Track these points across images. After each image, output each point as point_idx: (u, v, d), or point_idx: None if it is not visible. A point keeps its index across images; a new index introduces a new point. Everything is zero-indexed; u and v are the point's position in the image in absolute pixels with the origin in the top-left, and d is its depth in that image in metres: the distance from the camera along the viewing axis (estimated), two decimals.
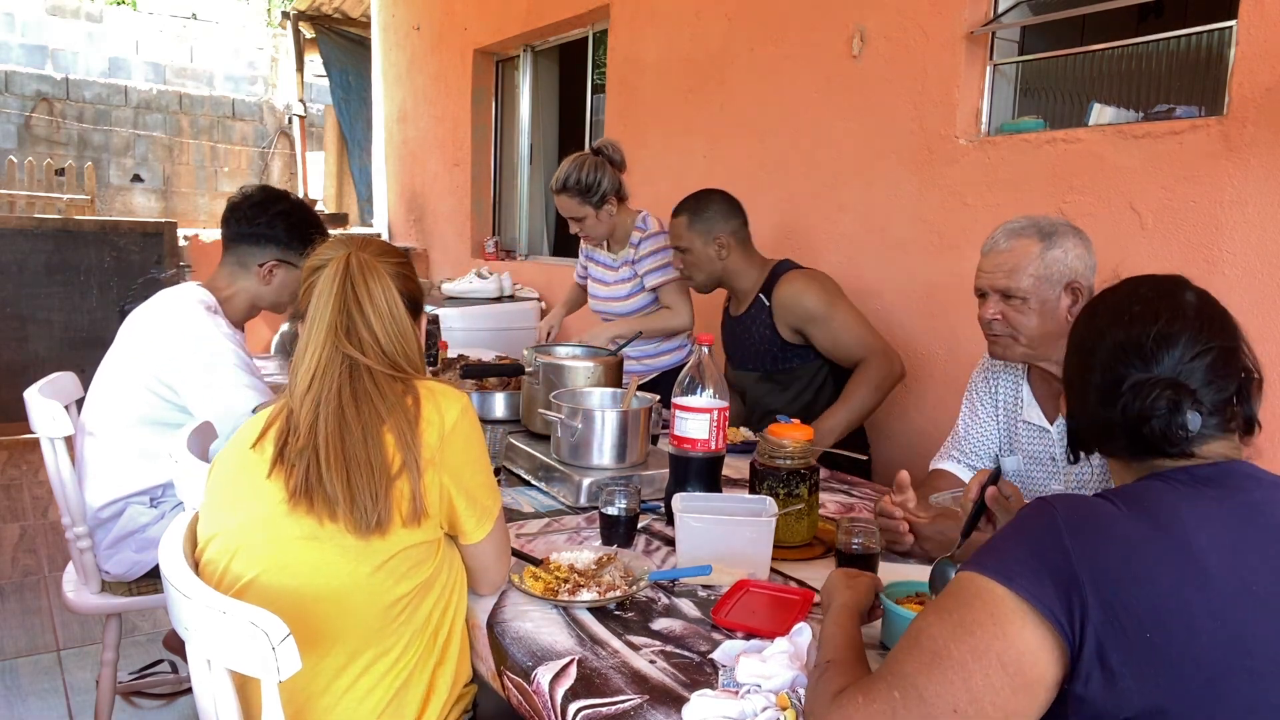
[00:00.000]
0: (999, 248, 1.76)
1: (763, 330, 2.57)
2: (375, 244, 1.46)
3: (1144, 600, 0.87)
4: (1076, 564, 0.89)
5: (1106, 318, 1.08)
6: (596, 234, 2.97)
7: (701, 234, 2.58)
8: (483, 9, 5.52)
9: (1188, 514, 0.93)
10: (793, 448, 1.68)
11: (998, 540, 0.97)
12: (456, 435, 1.32)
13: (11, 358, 5.22)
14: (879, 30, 2.92)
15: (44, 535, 3.87)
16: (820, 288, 2.51)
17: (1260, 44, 2.03)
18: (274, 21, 11.22)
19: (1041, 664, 0.89)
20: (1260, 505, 0.96)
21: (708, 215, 2.58)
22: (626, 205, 3.00)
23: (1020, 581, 0.90)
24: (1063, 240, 1.71)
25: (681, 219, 2.62)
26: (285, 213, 2.20)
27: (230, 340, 2.04)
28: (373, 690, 1.29)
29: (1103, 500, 0.96)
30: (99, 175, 9.46)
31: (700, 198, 2.63)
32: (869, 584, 1.29)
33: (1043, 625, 0.88)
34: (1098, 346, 1.06)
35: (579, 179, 2.85)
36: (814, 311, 2.48)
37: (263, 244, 2.18)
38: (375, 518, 1.24)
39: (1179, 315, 1.04)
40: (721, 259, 2.59)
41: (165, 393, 2.05)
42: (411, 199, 6.71)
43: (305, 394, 1.31)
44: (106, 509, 2.09)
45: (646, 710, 1.12)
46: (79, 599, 2.13)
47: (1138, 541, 0.91)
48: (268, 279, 2.20)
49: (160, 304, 2.12)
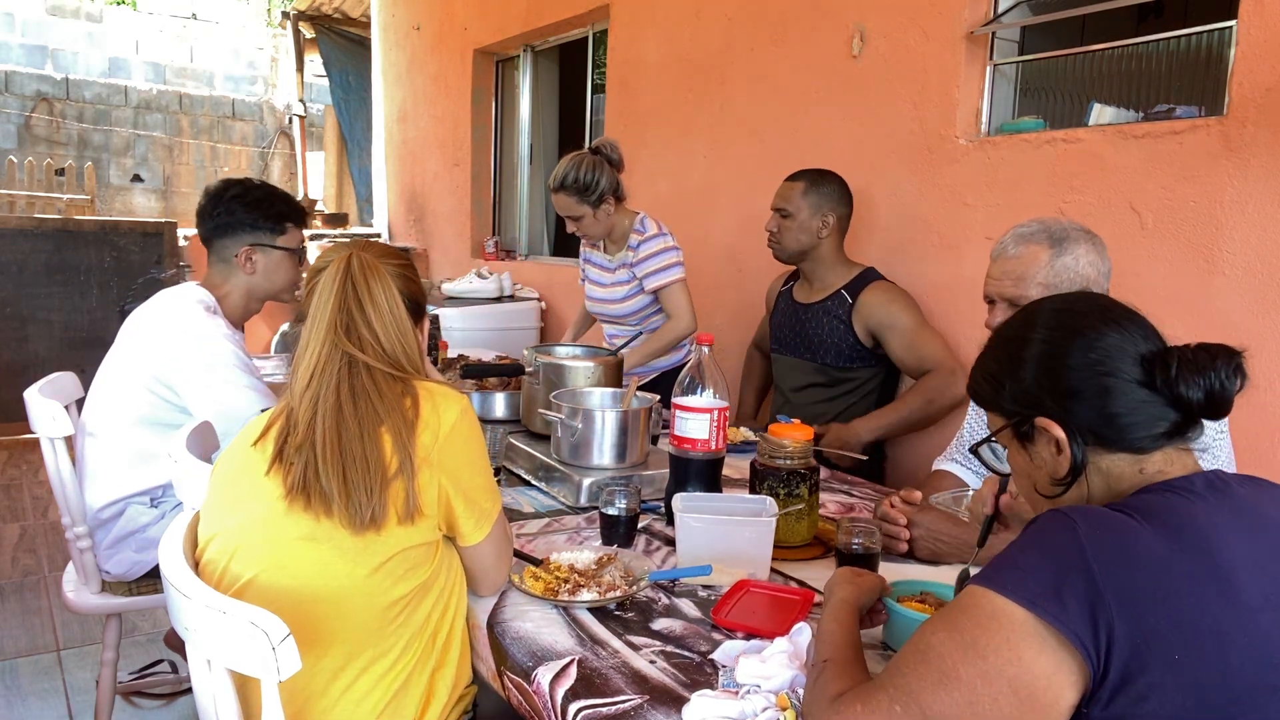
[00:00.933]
0: (1008, 254, 1.73)
1: (836, 325, 2.60)
2: (378, 245, 1.47)
3: (1173, 620, 0.85)
4: (1102, 585, 0.85)
5: (1087, 320, 1.03)
6: (593, 233, 2.97)
7: (812, 205, 2.62)
8: (483, 9, 5.52)
9: (1207, 526, 0.90)
10: (793, 448, 1.68)
11: (1015, 555, 0.92)
12: (455, 437, 1.32)
13: (11, 358, 5.22)
14: (879, 30, 2.92)
15: (44, 535, 3.87)
16: (909, 302, 2.57)
17: (1260, 44, 2.03)
18: (274, 21, 11.22)
19: (1056, 688, 0.86)
20: (1263, 513, 0.95)
21: (825, 190, 2.63)
22: (624, 206, 2.99)
23: (1042, 604, 0.86)
24: (1074, 246, 1.68)
25: (799, 184, 2.65)
26: (239, 196, 2.16)
27: (230, 341, 2.04)
28: (370, 692, 1.29)
29: (1122, 515, 0.91)
30: (99, 175, 9.46)
31: (823, 172, 2.68)
32: (872, 583, 1.27)
33: (1063, 648, 0.85)
34: (1098, 334, 1.01)
35: (577, 177, 2.84)
36: (899, 321, 2.53)
37: (231, 233, 2.16)
38: (370, 513, 1.24)
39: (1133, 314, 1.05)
40: (820, 237, 2.63)
41: (165, 393, 2.05)
42: (411, 199, 6.70)
43: (304, 391, 1.32)
44: (107, 509, 2.09)
45: (647, 710, 1.12)
46: (79, 599, 2.13)
47: (1164, 558, 0.87)
48: (248, 267, 2.18)
49: (160, 304, 2.12)
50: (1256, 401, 2.04)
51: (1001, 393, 1.07)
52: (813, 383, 2.67)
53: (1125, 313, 1.04)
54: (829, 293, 2.64)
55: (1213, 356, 0.97)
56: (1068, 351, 1.01)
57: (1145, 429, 0.99)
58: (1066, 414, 1.01)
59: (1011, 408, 1.06)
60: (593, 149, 2.91)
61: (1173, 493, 0.95)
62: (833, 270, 2.66)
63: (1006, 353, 1.08)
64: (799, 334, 2.70)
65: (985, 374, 1.10)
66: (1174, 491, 0.95)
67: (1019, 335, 1.07)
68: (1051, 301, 1.09)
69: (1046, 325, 1.05)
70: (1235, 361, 0.97)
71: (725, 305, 3.60)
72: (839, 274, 2.66)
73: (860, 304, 2.57)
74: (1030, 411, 1.04)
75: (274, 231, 2.18)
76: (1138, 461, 1.00)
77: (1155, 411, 0.99)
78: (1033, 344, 1.04)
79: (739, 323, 3.43)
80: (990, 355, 1.11)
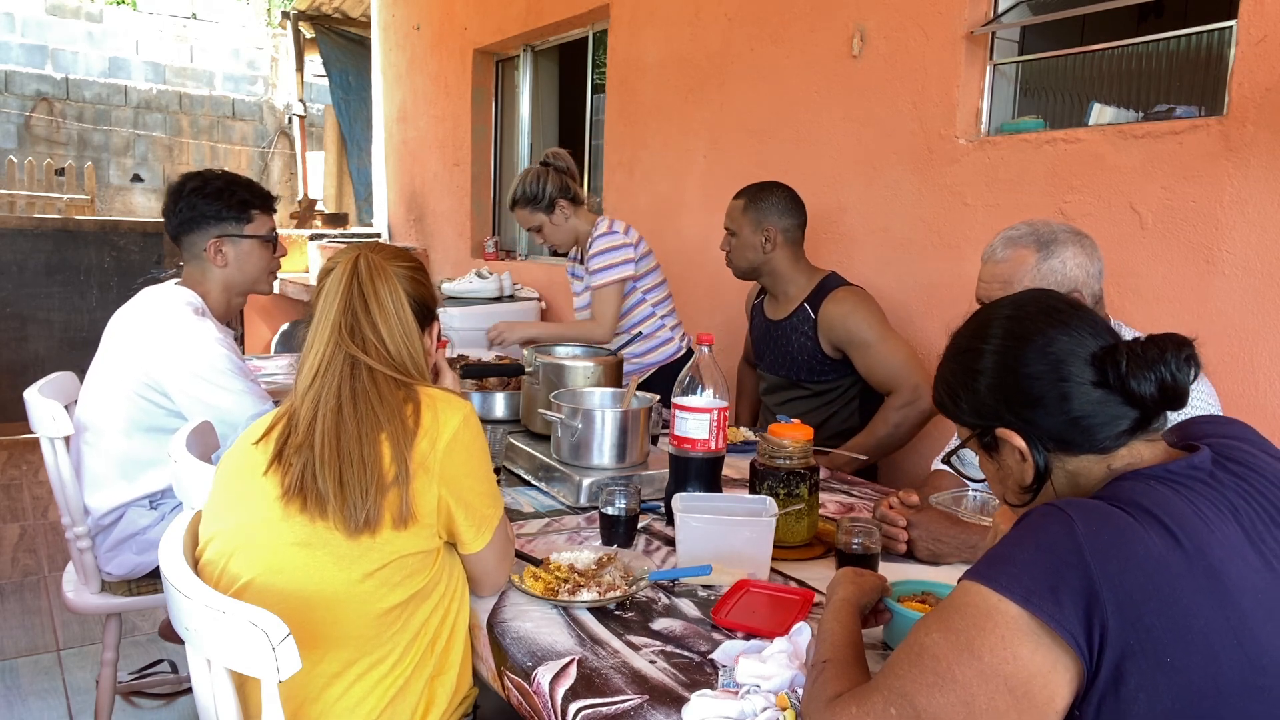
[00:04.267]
0: (996, 257, 1.74)
1: (804, 341, 2.57)
2: (388, 248, 1.45)
3: (1167, 622, 0.84)
4: (1099, 584, 0.84)
5: (1035, 325, 1.02)
6: (557, 240, 3.05)
7: (753, 221, 2.58)
8: (483, 9, 5.52)
9: (1198, 522, 0.89)
10: (793, 448, 1.68)
11: (1010, 550, 0.91)
12: (456, 446, 1.31)
13: (11, 358, 5.22)
14: (879, 30, 2.92)
15: (44, 535, 3.87)
16: (869, 312, 2.50)
17: (1260, 44, 2.03)
18: (274, 21, 11.22)
19: (1053, 686, 0.85)
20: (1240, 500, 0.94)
21: (764, 204, 2.58)
22: (586, 212, 3.04)
23: (1037, 601, 0.85)
24: (1061, 249, 1.68)
25: (739, 201, 2.62)
26: (198, 189, 2.13)
27: (221, 345, 2.02)
28: (366, 697, 1.28)
29: (1118, 510, 0.90)
30: (99, 175, 9.47)
31: (763, 186, 2.63)
32: (874, 582, 1.26)
33: (1058, 647, 0.85)
34: (1048, 339, 1.00)
35: (524, 190, 2.97)
36: (860, 336, 2.47)
37: (197, 227, 2.12)
38: (365, 516, 1.24)
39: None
40: (765, 252, 2.58)
41: (157, 398, 2.03)
42: (411, 199, 6.70)
43: (307, 391, 1.32)
44: (107, 516, 2.09)
45: (646, 710, 1.12)
46: (79, 599, 2.13)
47: (1159, 557, 0.86)
48: (219, 260, 2.13)
49: (146, 306, 2.09)
50: (1257, 401, 2.04)
51: (960, 405, 1.07)
52: (795, 396, 2.66)
53: (1071, 311, 1.03)
54: (793, 306, 2.60)
55: (1161, 349, 0.96)
56: (1019, 361, 1.01)
57: (1107, 429, 0.99)
58: (1026, 423, 1.01)
59: (972, 420, 1.06)
60: (541, 161, 3.03)
61: (1158, 482, 0.94)
62: (792, 282, 2.61)
63: (960, 365, 1.07)
64: (774, 350, 2.67)
65: (944, 386, 1.10)
66: (1159, 481, 0.94)
67: (970, 346, 1.06)
68: (1001, 308, 1.08)
69: (996, 335, 1.04)
70: (1185, 352, 0.96)
71: (725, 305, 3.60)
72: (799, 285, 2.60)
73: (821, 318, 2.52)
74: (990, 423, 1.04)
75: (240, 220, 2.14)
76: (1105, 459, 1.00)
77: (1113, 410, 0.98)
78: (984, 355, 1.04)
79: (739, 322, 3.43)
80: (946, 368, 1.10)
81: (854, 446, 2.37)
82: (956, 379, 1.07)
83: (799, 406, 2.63)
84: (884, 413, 2.45)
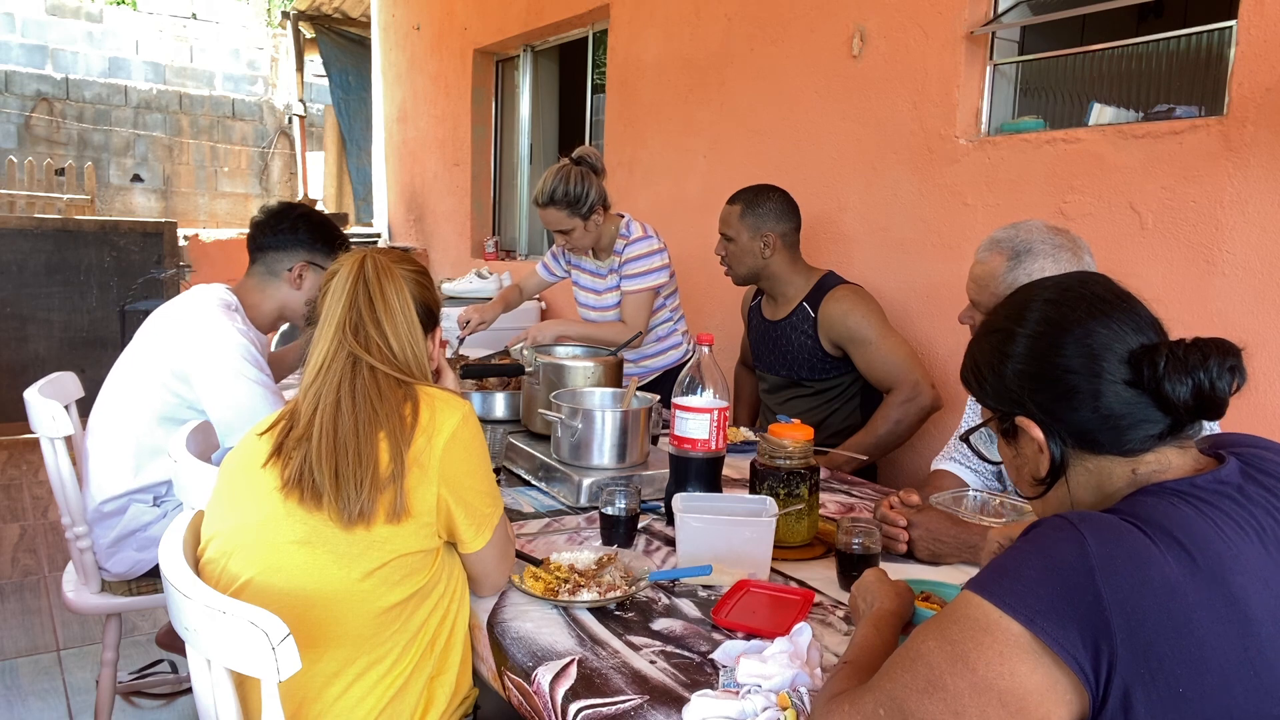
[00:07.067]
0: (978, 258, 1.78)
1: (803, 339, 2.58)
2: (394, 251, 1.48)
3: (1181, 652, 0.80)
4: (1109, 610, 0.80)
5: (1076, 314, 0.97)
6: (583, 245, 2.89)
7: (750, 227, 2.58)
8: (483, 9, 5.52)
9: (1220, 545, 0.85)
10: (793, 448, 1.68)
11: (1017, 564, 0.86)
12: (456, 444, 1.32)
13: (11, 358, 5.22)
14: (879, 30, 2.92)
15: (44, 535, 3.87)
16: (868, 309, 2.50)
17: (1260, 44, 2.03)
18: (274, 21, 11.21)
19: (1049, 705, 0.82)
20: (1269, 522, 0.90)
21: (761, 210, 2.58)
22: (609, 212, 2.94)
23: (1041, 623, 0.81)
24: (1031, 262, 1.67)
25: (735, 207, 2.61)
26: (305, 216, 2.27)
27: (243, 336, 2.05)
28: (365, 697, 1.29)
29: (1135, 529, 0.85)
30: (99, 175, 9.46)
31: (759, 191, 2.62)
32: (911, 598, 1.20)
33: (1059, 669, 0.81)
34: (1087, 331, 0.95)
35: (566, 191, 2.73)
36: (860, 334, 2.48)
37: (290, 249, 2.23)
38: (359, 507, 1.25)
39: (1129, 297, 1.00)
40: (765, 258, 2.59)
41: (180, 388, 2.06)
42: (411, 199, 6.71)
43: (309, 387, 1.34)
44: (110, 503, 2.09)
45: (647, 710, 1.12)
46: (79, 599, 2.13)
47: (1176, 583, 0.81)
48: (298, 282, 2.24)
49: (180, 303, 2.15)
50: (1256, 401, 2.04)
51: (985, 387, 1.03)
52: (795, 395, 2.66)
53: (1117, 301, 0.97)
54: (792, 306, 2.60)
55: (1205, 354, 0.91)
56: (1053, 350, 0.96)
57: (1134, 432, 0.94)
58: (1048, 415, 0.97)
59: (994, 403, 1.03)
60: (574, 159, 2.81)
61: (1181, 499, 0.88)
62: (791, 284, 2.61)
63: (991, 345, 1.03)
64: (773, 350, 2.68)
65: (972, 364, 1.06)
66: (1182, 497, 0.88)
67: (1005, 328, 1.01)
68: (1044, 289, 1.02)
69: (1033, 319, 0.99)
70: (1230, 361, 0.91)
71: (725, 304, 3.60)
72: (797, 286, 2.61)
73: (821, 317, 2.53)
74: (1011, 410, 1.00)
75: (328, 254, 2.26)
76: (1130, 462, 0.95)
77: (1143, 413, 0.93)
78: (1017, 339, 0.99)
79: (739, 322, 3.43)
80: (977, 345, 1.06)
81: (854, 445, 2.38)
82: (984, 359, 1.03)
83: (800, 405, 2.64)
84: (884, 410, 2.45)
